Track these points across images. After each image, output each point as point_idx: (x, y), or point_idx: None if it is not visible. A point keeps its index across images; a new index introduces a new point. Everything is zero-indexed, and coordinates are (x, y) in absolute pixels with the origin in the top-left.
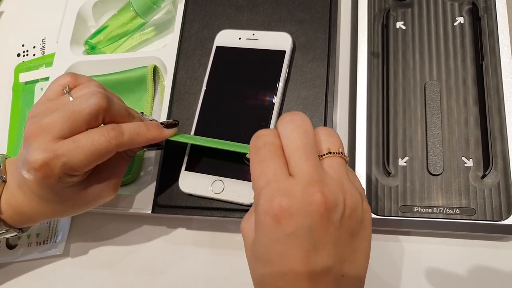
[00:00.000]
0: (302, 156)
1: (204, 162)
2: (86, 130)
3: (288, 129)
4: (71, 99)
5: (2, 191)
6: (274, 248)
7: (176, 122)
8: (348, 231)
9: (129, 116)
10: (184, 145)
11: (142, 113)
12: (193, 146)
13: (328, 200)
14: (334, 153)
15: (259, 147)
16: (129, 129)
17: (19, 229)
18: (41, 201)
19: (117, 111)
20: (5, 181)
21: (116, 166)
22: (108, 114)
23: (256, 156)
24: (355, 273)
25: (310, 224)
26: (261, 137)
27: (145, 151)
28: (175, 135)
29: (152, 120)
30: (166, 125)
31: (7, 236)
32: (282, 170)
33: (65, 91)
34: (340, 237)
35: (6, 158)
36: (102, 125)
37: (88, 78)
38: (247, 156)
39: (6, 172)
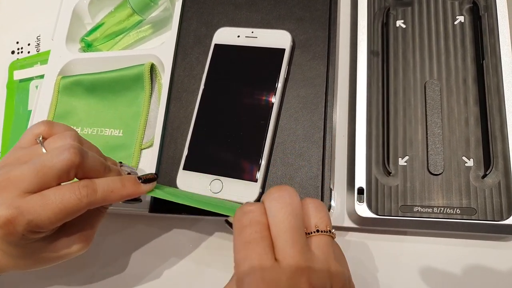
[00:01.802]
0: (289, 239)
1: (202, 161)
2: (57, 185)
3: (276, 207)
4: (44, 150)
5: None
6: None
7: (155, 177)
8: None
9: (105, 170)
10: (182, 143)
11: (120, 162)
12: (192, 144)
13: None
14: (321, 231)
15: (245, 226)
16: (102, 186)
17: None
18: (5, 255)
19: (91, 167)
20: None
21: (88, 219)
22: (81, 169)
23: (241, 236)
24: None
25: None
26: (247, 213)
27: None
28: (153, 190)
29: (131, 172)
30: (143, 180)
31: None
32: (268, 255)
33: (38, 141)
34: None
35: None
36: (75, 179)
37: (65, 127)
38: (229, 219)
39: None
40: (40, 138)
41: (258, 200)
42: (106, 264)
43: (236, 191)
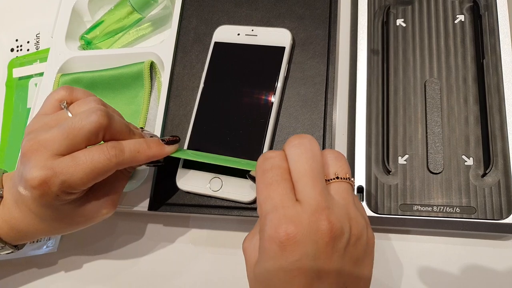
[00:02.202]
0: (310, 182)
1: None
2: (86, 147)
3: (296, 153)
4: (70, 115)
5: None
6: (278, 274)
7: (177, 138)
8: (352, 259)
9: (130, 132)
10: (181, 141)
11: (142, 128)
12: (191, 142)
13: (334, 228)
14: (341, 178)
15: (266, 170)
16: (129, 146)
17: (15, 246)
18: (38, 219)
19: (118, 129)
20: (1, 197)
21: (115, 182)
22: (108, 131)
23: (263, 179)
24: None
25: (315, 252)
26: (268, 159)
27: (144, 167)
28: (176, 151)
29: (153, 135)
30: (167, 142)
31: (2, 253)
32: (289, 195)
33: (63, 107)
34: (344, 264)
35: (3, 173)
36: (102, 142)
37: (86, 92)
38: (251, 173)
39: (3, 187)
40: (65, 103)
41: None
42: (104, 261)
43: (236, 189)
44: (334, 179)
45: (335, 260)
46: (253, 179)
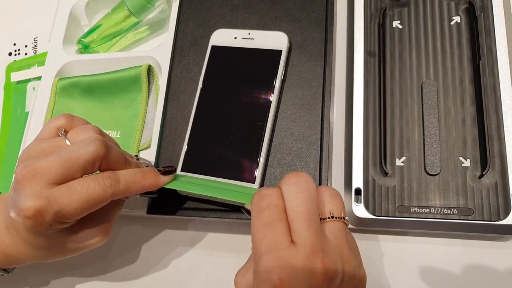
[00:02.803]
0: (305, 223)
1: (200, 163)
2: (81, 176)
3: (293, 192)
4: (67, 142)
5: None
6: None
7: (173, 169)
8: None
9: (126, 162)
10: (179, 145)
11: (136, 156)
12: (190, 145)
13: (328, 271)
14: (336, 217)
15: (263, 209)
16: (125, 177)
17: (4, 269)
18: (29, 247)
19: (114, 159)
20: None
21: (108, 211)
22: (105, 161)
23: (259, 218)
24: None
25: None
26: (265, 197)
27: (138, 196)
28: (171, 181)
29: (148, 164)
30: (162, 172)
31: None
32: (285, 237)
33: (60, 134)
34: None
35: None
36: (98, 171)
37: (84, 121)
38: (246, 206)
39: None
40: (62, 131)
41: None
42: (103, 264)
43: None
44: (328, 218)
45: None
46: (248, 212)
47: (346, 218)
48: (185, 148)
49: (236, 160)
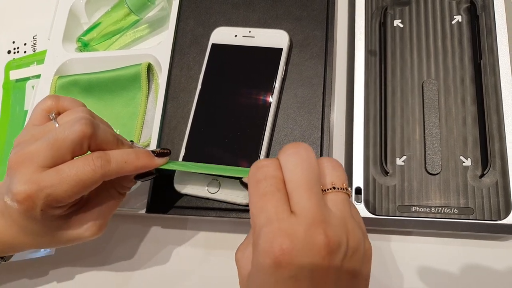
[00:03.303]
0: (305, 193)
1: (199, 161)
2: (72, 158)
3: (292, 162)
4: (56, 125)
5: None
6: None
7: (168, 151)
8: (349, 272)
9: (118, 143)
10: (179, 142)
11: (132, 141)
12: (189, 144)
13: (331, 242)
14: (338, 188)
15: (260, 180)
16: (116, 157)
17: (1, 257)
18: (22, 232)
19: (104, 138)
20: None
21: (105, 205)
22: (93, 141)
23: (256, 189)
24: None
25: (311, 267)
26: (262, 168)
27: (136, 182)
28: (166, 163)
29: (143, 149)
30: (157, 154)
31: None
32: (284, 207)
33: (51, 117)
34: (340, 278)
35: None
36: (89, 152)
37: (73, 100)
38: (244, 180)
39: None
40: (53, 114)
41: None
42: (102, 262)
43: (233, 191)
44: (330, 189)
45: (331, 274)
46: (246, 185)
47: (349, 189)
48: (184, 146)
49: (236, 158)
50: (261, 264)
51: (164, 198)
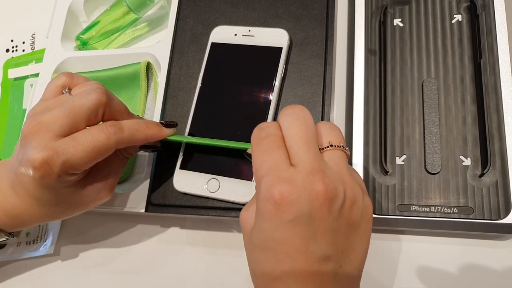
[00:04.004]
0: (303, 146)
1: (199, 160)
2: (85, 128)
3: (289, 121)
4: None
5: None
6: (273, 235)
7: (175, 123)
8: (347, 223)
9: (129, 114)
10: (178, 142)
11: (138, 116)
12: (188, 144)
13: (328, 189)
14: (335, 146)
15: (261, 138)
16: (128, 125)
17: (10, 233)
18: (36, 203)
19: (117, 108)
20: None
21: (112, 167)
22: (108, 110)
23: (258, 146)
24: (353, 266)
25: (310, 212)
26: (263, 128)
27: (141, 152)
28: (173, 135)
29: (152, 120)
30: (165, 125)
31: None
32: (284, 160)
33: (65, 92)
34: (339, 227)
35: None
36: (101, 122)
37: (87, 78)
38: (248, 151)
39: None
40: (66, 89)
41: None
42: (101, 262)
43: (233, 190)
44: (328, 147)
45: (330, 221)
46: (249, 156)
47: (347, 148)
48: (184, 146)
49: (237, 159)
50: (262, 210)
51: (163, 197)
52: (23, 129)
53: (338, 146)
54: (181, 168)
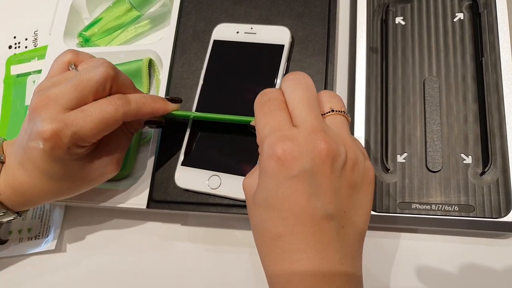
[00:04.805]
0: (305, 108)
1: (200, 157)
2: (94, 100)
3: (291, 85)
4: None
5: (0, 172)
6: (277, 191)
7: (180, 99)
8: (349, 183)
9: (135, 89)
10: (180, 138)
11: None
12: (190, 140)
13: (330, 148)
14: (336, 111)
15: (264, 102)
16: (135, 98)
17: (17, 212)
18: (45, 178)
19: (123, 82)
20: (3, 162)
21: (119, 142)
22: (115, 84)
23: (261, 110)
24: (355, 227)
25: (313, 169)
26: (266, 93)
27: (146, 127)
28: (177, 111)
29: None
30: (170, 99)
31: (4, 220)
32: (286, 121)
33: (71, 68)
34: (341, 187)
35: (3, 141)
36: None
37: (91, 55)
38: (252, 123)
39: (4, 153)
40: (72, 66)
41: None
42: (102, 259)
43: (235, 187)
44: (329, 112)
45: (332, 180)
46: (253, 128)
47: (348, 114)
48: (185, 142)
49: (237, 154)
50: (265, 169)
51: (164, 193)
52: (31, 103)
53: (339, 111)
54: (182, 164)
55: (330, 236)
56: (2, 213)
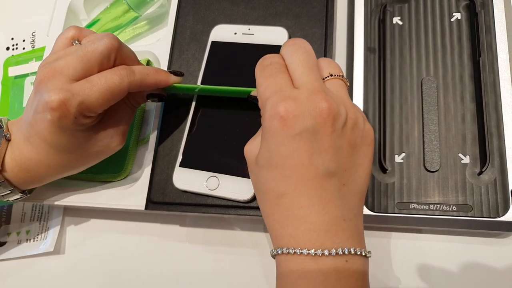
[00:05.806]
0: (306, 70)
1: (199, 158)
2: (99, 71)
3: (291, 49)
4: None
5: (6, 149)
6: (279, 150)
7: (182, 72)
8: (350, 143)
9: (138, 61)
10: (178, 140)
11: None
12: (188, 141)
13: (331, 107)
14: (335, 75)
15: (265, 66)
16: (139, 69)
17: (23, 191)
18: (52, 151)
19: (127, 54)
20: (9, 140)
21: (123, 115)
22: (119, 55)
23: (262, 73)
24: (355, 186)
25: (314, 127)
26: (266, 58)
27: (148, 101)
28: (179, 84)
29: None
30: (172, 72)
31: (11, 199)
32: (287, 83)
33: (74, 44)
34: (341, 145)
35: (8, 120)
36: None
37: (93, 31)
38: (252, 94)
39: (9, 132)
40: (76, 41)
41: (254, 197)
42: (100, 260)
43: (232, 187)
44: (328, 77)
45: (333, 138)
46: (254, 99)
47: (346, 79)
48: (183, 143)
49: (235, 155)
50: (268, 129)
51: (163, 195)
52: (37, 76)
53: (338, 75)
54: (180, 165)
55: (332, 193)
56: (9, 191)
